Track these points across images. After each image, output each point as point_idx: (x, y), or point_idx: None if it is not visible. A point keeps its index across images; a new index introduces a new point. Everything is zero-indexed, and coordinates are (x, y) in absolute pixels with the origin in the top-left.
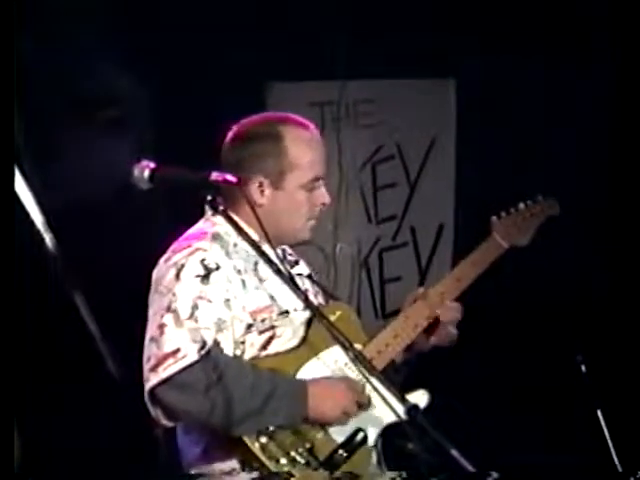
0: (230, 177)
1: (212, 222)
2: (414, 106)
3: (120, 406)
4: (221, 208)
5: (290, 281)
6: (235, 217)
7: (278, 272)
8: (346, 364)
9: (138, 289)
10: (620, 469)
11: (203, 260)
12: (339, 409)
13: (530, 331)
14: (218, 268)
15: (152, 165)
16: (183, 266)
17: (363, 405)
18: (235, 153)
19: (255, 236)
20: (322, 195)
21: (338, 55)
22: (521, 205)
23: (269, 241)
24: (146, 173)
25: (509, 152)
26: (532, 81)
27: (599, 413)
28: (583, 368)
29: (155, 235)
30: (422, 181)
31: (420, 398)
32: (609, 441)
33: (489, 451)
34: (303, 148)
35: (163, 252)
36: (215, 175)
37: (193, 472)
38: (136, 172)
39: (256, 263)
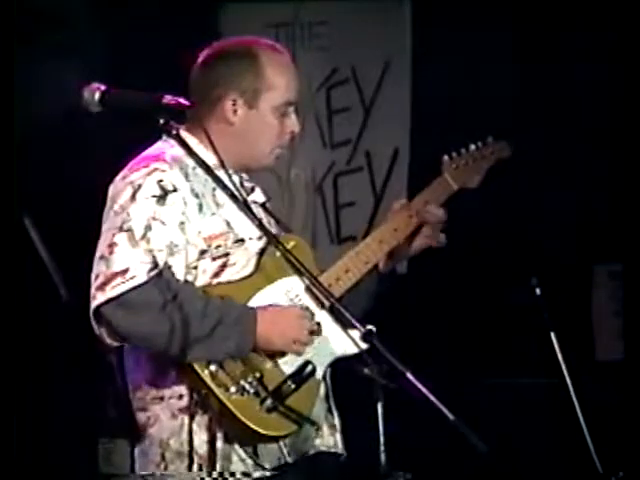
0: (183, 100)
1: (171, 143)
2: (369, 28)
3: (73, 333)
4: (174, 132)
5: (245, 208)
6: (193, 138)
7: (233, 197)
8: (297, 295)
9: (90, 214)
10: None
11: (160, 181)
12: (289, 337)
13: (485, 254)
14: (175, 190)
15: (102, 87)
16: (140, 186)
17: (314, 332)
18: (209, 72)
19: (214, 160)
20: (293, 123)
21: None
22: (472, 146)
23: (224, 166)
24: (96, 95)
25: (465, 77)
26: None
27: (552, 335)
28: (538, 291)
29: (107, 158)
30: (377, 105)
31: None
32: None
33: (445, 374)
34: (279, 69)
35: (114, 176)
36: (168, 98)
37: (138, 396)
38: (86, 95)
39: (214, 188)
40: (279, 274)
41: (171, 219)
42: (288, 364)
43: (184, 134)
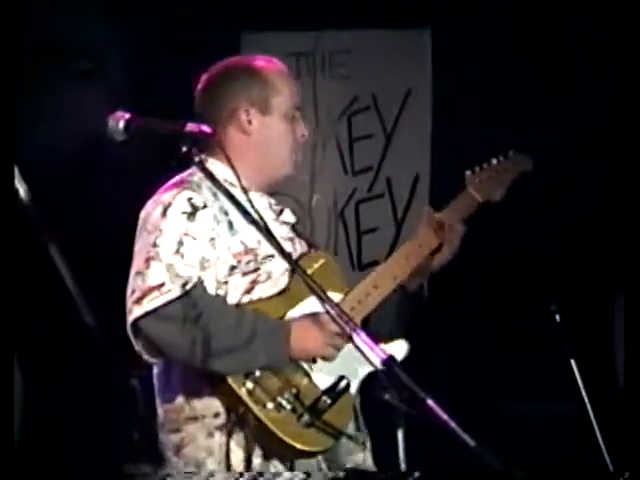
0: (205, 128)
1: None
2: (390, 56)
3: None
4: (196, 159)
5: (266, 232)
6: (218, 163)
7: (253, 222)
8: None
9: (114, 241)
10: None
11: (190, 199)
12: (322, 343)
13: (505, 280)
14: (205, 207)
15: (127, 116)
16: (170, 204)
17: (345, 338)
18: (214, 93)
19: (243, 182)
20: (302, 127)
21: (313, 4)
22: (493, 160)
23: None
24: (121, 124)
25: (485, 103)
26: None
27: (572, 362)
28: (557, 317)
29: (131, 187)
30: (398, 132)
31: (399, 348)
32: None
33: (465, 399)
34: (280, 75)
35: (139, 203)
36: (190, 126)
37: (171, 417)
38: (111, 123)
39: (252, 205)
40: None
41: (202, 235)
42: (323, 380)
43: (209, 160)
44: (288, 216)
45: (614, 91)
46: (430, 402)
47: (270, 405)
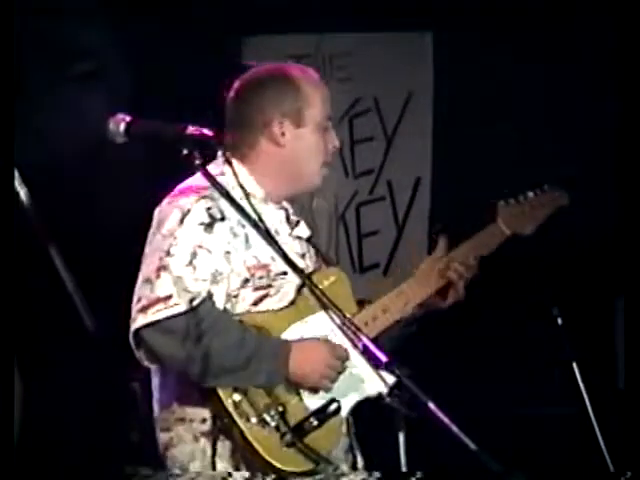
0: (207, 131)
1: (219, 171)
2: (391, 59)
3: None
4: (197, 163)
5: (278, 248)
6: (243, 168)
7: (267, 238)
8: (332, 330)
9: (115, 244)
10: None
11: (209, 209)
12: (320, 373)
13: (507, 285)
14: (223, 219)
15: (128, 118)
16: (189, 211)
17: (341, 371)
18: (247, 101)
19: (262, 193)
20: (333, 137)
21: (314, 7)
22: (530, 194)
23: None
24: (122, 127)
25: (487, 106)
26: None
27: (574, 365)
28: (559, 321)
29: (132, 190)
30: (399, 135)
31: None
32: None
33: (466, 402)
34: (313, 85)
35: (137, 206)
36: (191, 129)
37: (163, 416)
38: (112, 126)
39: (260, 219)
40: (318, 307)
41: (217, 248)
42: (314, 400)
43: (235, 163)
44: (303, 229)
45: (617, 93)
46: (432, 405)
47: (254, 420)
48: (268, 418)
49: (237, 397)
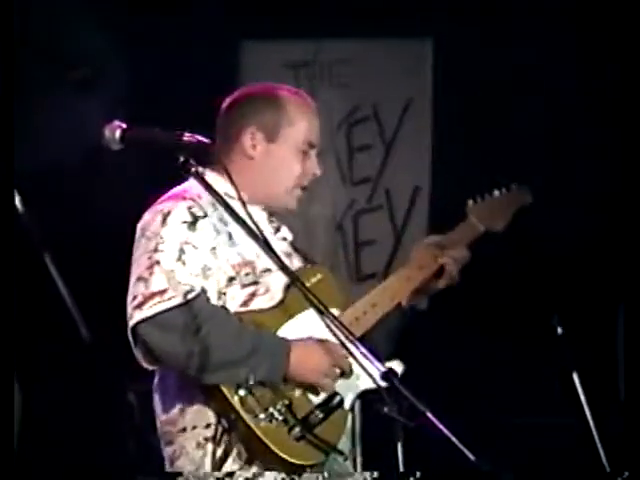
0: (203, 138)
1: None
2: (390, 66)
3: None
4: (193, 170)
5: (265, 245)
6: (217, 176)
7: (253, 236)
8: (323, 327)
9: (109, 252)
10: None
11: (190, 207)
12: (320, 372)
13: (507, 293)
14: (205, 216)
15: (123, 126)
16: (170, 212)
17: (345, 370)
18: (231, 112)
19: (245, 197)
20: (314, 165)
21: (313, 14)
22: (496, 192)
23: (243, 203)
24: (117, 134)
25: (486, 114)
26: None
27: (574, 375)
28: (559, 330)
29: (127, 197)
30: (398, 143)
31: (395, 367)
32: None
33: (465, 411)
34: (301, 109)
35: (135, 213)
36: (187, 136)
37: (166, 429)
38: (107, 133)
39: (251, 218)
40: (307, 304)
41: (203, 243)
42: (315, 393)
43: (209, 173)
44: (285, 233)
45: (617, 98)
46: (430, 414)
47: (262, 415)
48: (275, 412)
49: (242, 393)
